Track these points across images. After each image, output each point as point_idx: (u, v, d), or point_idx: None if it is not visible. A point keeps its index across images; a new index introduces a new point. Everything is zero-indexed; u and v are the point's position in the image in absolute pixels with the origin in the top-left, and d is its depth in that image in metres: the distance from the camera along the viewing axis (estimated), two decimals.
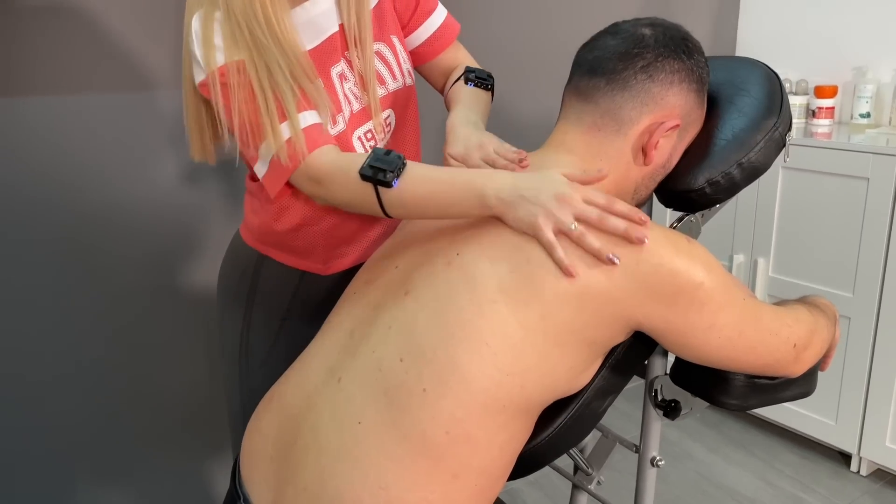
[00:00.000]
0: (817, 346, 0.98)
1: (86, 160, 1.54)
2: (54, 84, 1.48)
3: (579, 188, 0.84)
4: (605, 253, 0.81)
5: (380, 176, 0.91)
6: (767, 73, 1.06)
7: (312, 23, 1.06)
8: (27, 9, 1.43)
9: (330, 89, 1.06)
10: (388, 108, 1.14)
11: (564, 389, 0.89)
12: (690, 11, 2.46)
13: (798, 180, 2.12)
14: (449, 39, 1.20)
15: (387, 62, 1.13)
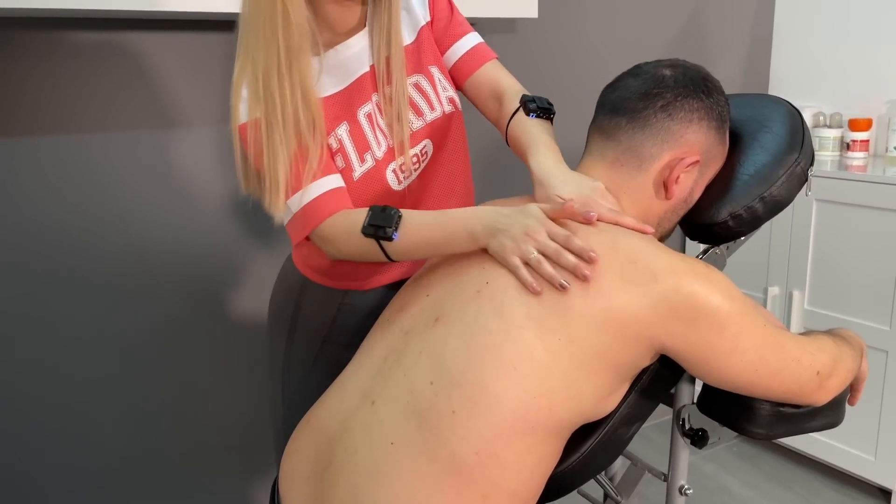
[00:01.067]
0: (841, 375, 0.99)
1: (134, 193, 1.63)
2: (102, 122, 1.58)
3: (547, 224, 0.91)
4: (557, 279, 0.87)
5: (380, 232, 1.00)
6: (790, 110, 1.10)
7: (343, 65, 1.11)
8: (76, 49, 1.53)
9: (356, 131, 1.11)
10: (425, 138, 1.16)
11: (591, 413, 0.92)
12: (724, 47, 2.50)
13: (833, 213, 2.12)
14: (484, 57, 1.20)
15: (424, 93, 1.16)
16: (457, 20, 1.20)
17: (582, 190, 0.97)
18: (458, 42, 1.19)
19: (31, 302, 1.56)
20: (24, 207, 1.53)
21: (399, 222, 1.00)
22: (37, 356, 1.59)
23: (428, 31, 1.17)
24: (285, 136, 1.02)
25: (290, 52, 1.01)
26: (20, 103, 1.49)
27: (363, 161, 1.12)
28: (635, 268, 0.87)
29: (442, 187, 1.20)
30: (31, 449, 1.61)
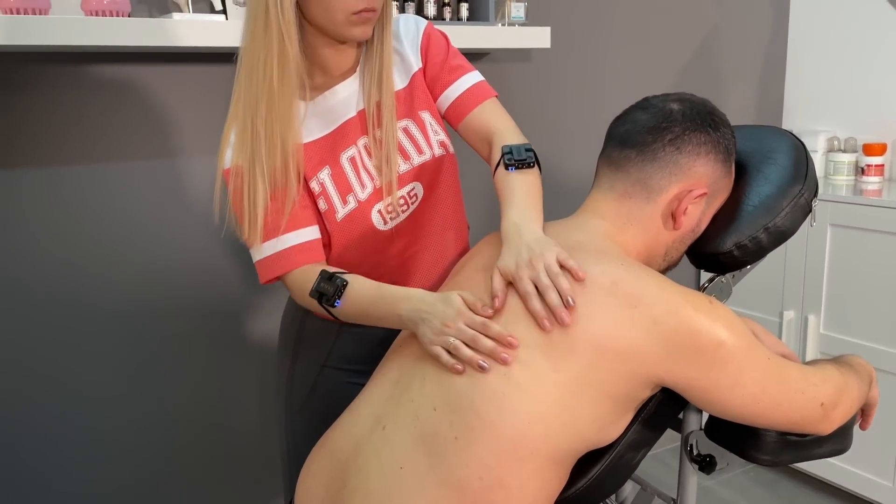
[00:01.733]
0: (846, 405, 1.00)
1: (152, 220, 1.68)
2: (120, 152, 1.64)
3: (464, 314, 0.94)
4: (476, 360, 0.91)
5: (324, 300, 1.08)
6: (794, 143, 1.12)
7: (330, 111, 1.14)
8: (96, 82, 1.59)
9: (338, 174, 1.14)
10: (413, 181, 1.19)
11: (594, 440, 0.95)
12: (738, 73, 2.52)
13: (847, 237, 2.12)
14: (475, 101, 1.20)
15: (413, 138, 1.18)
16: (450, 64, 1.21)
17: (519, 263, 0.96)
18: (451, 86, 1.20)
19: (53, 321, 1.62)
20: (45, 233, 1.58)
21: (343, 292, 1.06)
22: (53, 374, 1.63)
23: (420, 77, 1.19)
24: (265, 179, 1.06)
25: (283, 93, 1.05)
26: (42, 134, 1.55)
27: (346, 203, 1.15)
28: (635, 312, 0.89)
29: (434, 227, 1.23)
30: (51, 464, 1.66)
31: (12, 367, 1.58)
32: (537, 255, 0.95)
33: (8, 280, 1.56)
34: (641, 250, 1.04)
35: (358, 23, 1.05)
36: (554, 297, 0.91)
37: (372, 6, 1.05)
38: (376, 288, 1.06)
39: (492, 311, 0.95)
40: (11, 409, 1.59)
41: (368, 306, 1.06)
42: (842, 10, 2.46)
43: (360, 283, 1.07)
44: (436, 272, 1.25)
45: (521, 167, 1.11)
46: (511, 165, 1.11)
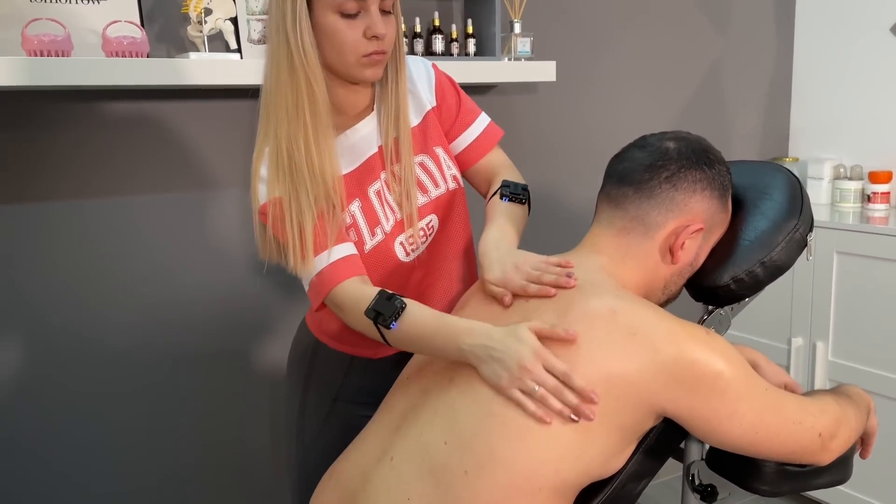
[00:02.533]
0: (844, 435, 1.02)
1: (166, 252, 1.73)
2: (133, 185, 1.69)
3: (542, 355, 0.92)
4: (567, 413, 0.90)
5: (380, 320, 1.06)
6: (790, 178, 1.15)
7: (353, 147, 1.19)
8: (108, 118, 1.65)
9: (368, 207, 1.18)
10: (431, 213, 1.23)
11: (598, 472, 0.97)
12: (743, 102, 2.56)
13: (855, 265, 2.13)
14: (487, 147, 1.28)
15: (429, 172, 1.23)
16: (464, 109, 1.27)
17: (505, 269, 1.06)
18: (465, 132, 1.27)
19: (72, 346, 1.66)
20: (67, 263, 1.63)
21: (401, 314, 1.05)
22: (70, 398, 1.68)
23: (433, 115, 1.24)
24: (311, 206, 1.09)
25: (317, 129, 1.09)
26: (66, 169, 1.61)
27: (374, 235, 1.19)
28: (636, 339, 0.92)
29: (448, 257, 1.27)
30: (64, 481, 1.69)
31: (33, 384, 1.63)
32: (520, 261, 1.05)
33: (32, 307, 1.60)
34: (641, 284, 1.07)
35: (368, 65, 1.09)
36: (550, 276, 1.01)
37: (382, 49, 1.09)
38: (437, 317, 1.04)
39: (575, 333, 0.92)
40: (29, 428, 1.63)
41: (426, 334, 1.03)
42: (846, 39, 2.50)
43: (420, 309, 1.06)
44: (447, 299, 1.28)
45: (514, 200, 1.22)
46: (505, 196, 1.22)
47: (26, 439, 1.63)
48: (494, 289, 1.06)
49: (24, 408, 1.62)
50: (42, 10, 1.50)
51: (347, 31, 1.06)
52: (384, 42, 1.09)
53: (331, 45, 1.08)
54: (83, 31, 1.54)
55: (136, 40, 1.49)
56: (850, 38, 2.48)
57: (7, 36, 1.47)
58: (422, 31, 1.86)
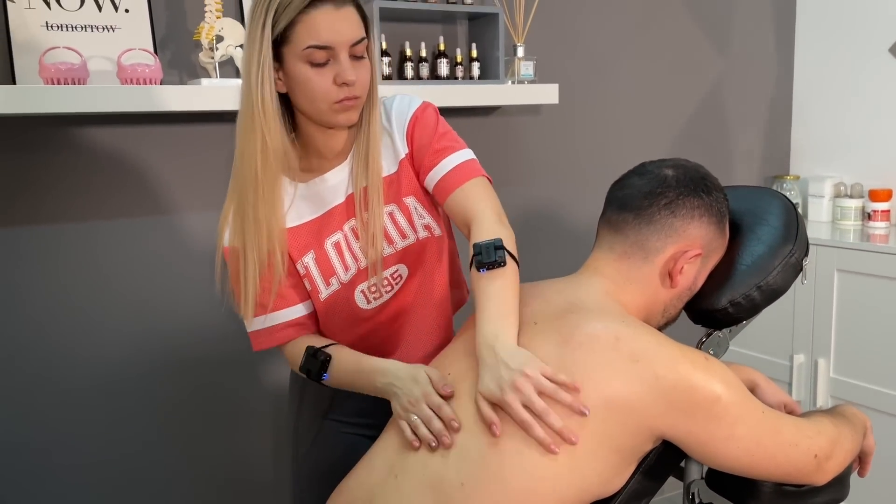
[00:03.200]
0: (840, 456, 1.04)
1: (172, 275, 1.77)
2: (154, 206, 1.73)
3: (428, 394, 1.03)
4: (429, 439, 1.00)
5: (311, 375, 1.20)
6: (785, 205, 1.18)
7: (319, 196, 1.20)
8: (126, 143, 1.69)
9: (322, 259, 1.21)
10: (397, 263, 1.23)
11: (598, 492, 0.99)
12: (745, 121, 2.59)
13: (855, 283, 2.16)
14: (455, 184, 1.19)
15: (396, 223, 1.22)
16: (434, 147, 1.21)
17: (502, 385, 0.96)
18: (434, 168, 1.21)
19: (60, 375, 1.70)
20: (75, 286, 1.67)
21: (327, 366, 1.18)
22: (58, 435, 1.71)
23: (407, 163, 1.22)
24: (255, 263, 1.14)
25: (264, 179, 1.11)
26: (79, 190, 1.65)
27: (329, 284, 1.22)
28: (638, 366, 0.95)
29: (417, 305, 1.28)
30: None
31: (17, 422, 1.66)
32: (518, 375, 0.95)
33: (26, 334, 1.64)
34: (641, 307, 1.10)
35: (341, 110, 1.11)
36: (555, 420, 0.92)
37: (353, 94, 1.10)
38: (356, 362, 1.18)
39: (451, 391, 1.04)
40: (22, 462, 1.66)
41: (351, 378, 1.17)
42: (846, 59, 2.53)
43: (343, 357, 1.19)
44: (419, 346, 1.31)
45: (492, 268, 1.09)
46: (482, 267, 1.09)
47: (26, 452, 1.66)
48: (485, 409, 0.97)
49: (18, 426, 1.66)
50: (58, 39, 1.55)
51: (317, 79, 1.08)
52: (356, 88, 1.10)
53: (302, 92, 1.10)
54: (98, 58, 1.59)
55: (150, 68, 1.53)
56: (850, 58, 2.52)
57: (25, 63, 1.51)
58: (427, 56, 1.90)
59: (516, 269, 1.12)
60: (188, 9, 1.70)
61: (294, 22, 1.06)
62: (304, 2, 1.05)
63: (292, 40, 1.07)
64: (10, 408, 1.62)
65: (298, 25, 1.06)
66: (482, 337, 1.03)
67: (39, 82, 1.49)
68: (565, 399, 0.93)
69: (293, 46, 1.07)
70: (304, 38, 1.06)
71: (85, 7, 1.58)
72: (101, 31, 1.60)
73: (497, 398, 0.96)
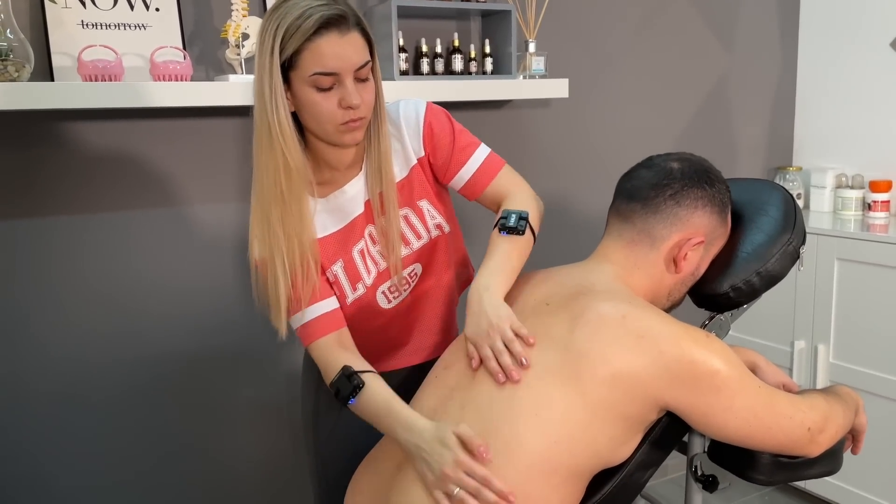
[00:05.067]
0: (832, 430, 1.12)
1: (183, 263, 1.85)
2: (180, 196, 1.81)
3: (462, 462, 1.01)
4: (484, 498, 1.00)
5: (339, 395, 1.18)
6: (784, 196, 1.26)
7: (340, 208, 1.25)
8: (159, 135, 1.77)
9: (350, 267, 1.27)
10: (414, 262, 1.30)
11: (608, 458, 1.08)
12: (749, 113, 2.66)
13: (855, 271, 2.23)
14: (486, 179, 1.29)
15: (412, 225, 1.29)
16: (459, 145, 1.28)
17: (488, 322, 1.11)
18: (463, 167, 1.29)
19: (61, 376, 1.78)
20: (95, 275, 1.75)
21: (357, 393, 1.16)
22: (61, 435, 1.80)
23: (419, 168, 1.28)
24: (286, 271, 1.17)
25: (290, 197, 1.15)
26: (116, 180, 1.73)
27: (355, 290, 1.28)
28: (643, 341, 1.02)
29: (430, 299, 1.36)
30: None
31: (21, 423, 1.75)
32: (494, 325, 1.10)
33: (32, 329, 1.73)
34: (647, 292, 1.18)
35: (346, 131, 1.14)
36: (506, 359, 1.06)
37: (358, 116, 1.14)
38: (386, 403, 1.14)
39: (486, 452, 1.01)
40: (21, 463, 1.72)
41: (375, 418, 1.15)
42: (848, 53, 2.59)
43: (374, 391, 1.16)
44: (429, 334, 1.40)
45: (511, 232, 1.21)
46: (504, 230, 1.21)
47: (25, 447, 1.73)
48: (469, 349, 1.13)
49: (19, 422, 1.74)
50: (93, 37, 1.62)
51: (324, 103, 1.11)
52: (361, 110, 1.13)
53: (310, 115, 1.14)
54: (130, 55, 1.66)
55: (182, 64, 1.61)
56: (852, 52, 2.58)
57: (62, 60, 1.59)
58: (442, 51, 1.98)
59: (531, 241, 1.24)
60: (215, 7, 1.77)
61: (300, 49, 1.08)
62: (310, 29, 1.07)
63: (299, 66, 1.10)
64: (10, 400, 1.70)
65: (305, 52, 1.08)
66: (476, 284, 1.17)
67: (76, 78, 1.57)
68: (514, 348, 1.07)
69: (300, 72, 1.10)
70: (311, 65, 1.09)
71: (118, 6, 1.66)
72: (133, 29, 1.67)
73: (473, 339, 1.12)
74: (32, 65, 1.51)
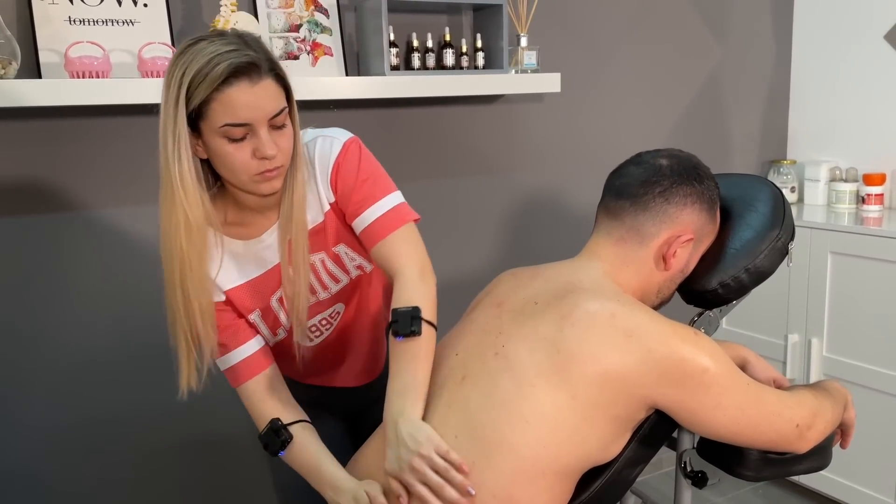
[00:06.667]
0: (820, 426, 1.12)
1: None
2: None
3: None
4: None
5: (269, 448, 1.20)
6: (773, 192, 1.25)
7: (259, 256, 1.20)
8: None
9: (268, 314, 1.24)
10: (335, 303, 1.29)
11: (598, 458, 1.08)
12: (743, 106, 2.65)
13: (848, 265, 2.23)
14: (377, 236, 1.19)
15: (328, 270, 1.25)
16: (357, 197, 1.19)
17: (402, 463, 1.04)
18: (359, 217, 1.21)
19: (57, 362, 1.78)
20: (115, 270, 1.75)
21: (286, 446, 1.19)
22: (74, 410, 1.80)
23: (332, 213, 1.21)
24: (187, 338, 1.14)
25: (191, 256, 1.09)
26: (109, 176, 1.72)
27: (276, 335, 1.28)
28: (632, 340, 1.02)
29: (356, 330, 1.36)
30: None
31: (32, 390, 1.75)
32: (415, 455, 1.02)
33: (53, 320, 1.72)
34: (636, 289, 1.18)
35: (261, 181, 1.09)
36: (450, 493, 0.99)
37: (274, 165, 1.08)
38: (315, 463, 1.16)
39: None
40: (26, 455, 1.75)
41: (306, 473, 1.18)
42: (842, 46, 2.59)
43: (302, 448, 1.18)
44: (359, 357, 1.41)
45: (409, 336, 1.12)
46: (398, 335, 1.13)
47: (29, 442, 1.75)
48: (394, 485, 1.05)
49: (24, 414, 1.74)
50: (80, 33, 1.61)
51: (236, 153, 1.05)
52: (277, 159, 1.08)
53: (222, 166, 1.08)
54: (118, 51, 1.65)
55: (170, 61, 1.60)
56: (846, 45, 2.57)
57: (49, 57, 1.58)
58: (433, 46, 1.97)
59: (433, 334, 1.15)
60: (203, 3, 1.76)
61: (208, 99, 1.02)
62: (219, 78, 1.00)
63: (208, 117, 1.03)
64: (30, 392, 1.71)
65: (214, 103, 1.02)
66: (388, 413, 1.09)
67: (63, 75, 1.56)
68: (455, 479, 1.00)
69: (209, 122, 1.04)
70: (220, 116, 1.03)
71: (106, 2, 1.64)
72: (121, 25, 1.66)
73: (398, 476, 1.04)
74: (19, 62, 1.50)
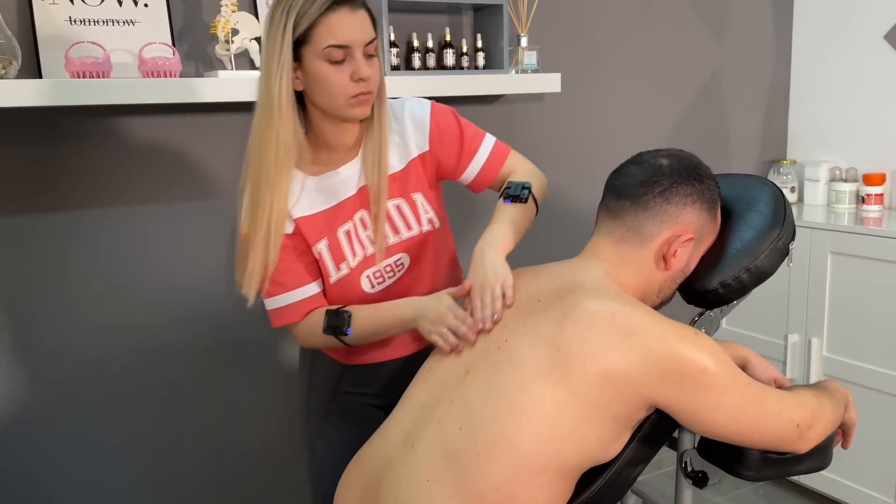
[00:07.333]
0: (821, 426, 1.12)
1: (182, 260, 1.85)
2: (167, 194, 1.80)
3: (453, 309, 1.19)
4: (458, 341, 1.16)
5: (337, 331, 1.30)
6: (774, 192, 1.25)
7: (331, 189, 1.31)
8: (147, 133, 1.76)
9: (334, 245, 1.32)
10: (402, 252, 1.36)
11: (597, 457, 1.08)
12: (743, 106, 2.65)
13: (848, 265, 2.23)
14: (497, 166, 1.39)
15: (403, 215, 1.35)
16: (468, 139, 1.37)
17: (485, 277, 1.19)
18: (473, 159, 1.38)
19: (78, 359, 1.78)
20: (104, 268, 1.75)
21: (350, 320, 1.29)
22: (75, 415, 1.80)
23: (418, 162, 1.34)
24: (262, 245, 1.23)
25: (276, 171, 1.20)
26: (104, 177, 1.72)
27: (339, 269, 1.33)
28: (632, 339, 1.02)
29: (416, 291, 1.38)
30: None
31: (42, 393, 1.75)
32: (490, 281, 1.18)
33: (61, 311, 1.72)
34: (637, 288, 1.18)
35: (357, 104, 1.21)
36: (487, 311, 1.16)
37: (368, 89, 1.21)
38: (376, 308, 1.28)
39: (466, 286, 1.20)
40: (35, 442, 1.74)
41: (375, 323, 1.28)
42: (842, 46, 2.59)
43: (362, 309, 1.29)
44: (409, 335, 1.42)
45: (515, 200, 1.32)
46: (507, 198, 1.33)
47: (36, 445, 1.75)
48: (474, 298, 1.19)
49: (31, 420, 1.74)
50: (81, 33, 1.61)
51: (335, 76, 1.18)
52: (370, 83, 1.21)
53: (321, 89, 1.20)
54: (119, 51, 1.65)
55: (170, 61, 1.60)
56: (846, 45, 2.57)
57: (50, 57, 1.58)
58: (434, 46, 1.97)
59: (534, 210, 1.35)
60: (204, 3, 1.76)
61: (314, 24, 1.16)
62: (324, 6, 1.15)
63: (312, 41, 1.17)
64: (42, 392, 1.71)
65: (318, 27, 1.16)
66: (481, 240, 1.26)
67: (64, 75, 1.56)
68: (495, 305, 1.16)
69: (313, 46, 1.17)
70: (324, 38, 1.16)
71: (106, 2, 1.64)
72: (121, 24, 1.67)
73: (475, 290, 1.20)
74: (20, 62, 1.50)
